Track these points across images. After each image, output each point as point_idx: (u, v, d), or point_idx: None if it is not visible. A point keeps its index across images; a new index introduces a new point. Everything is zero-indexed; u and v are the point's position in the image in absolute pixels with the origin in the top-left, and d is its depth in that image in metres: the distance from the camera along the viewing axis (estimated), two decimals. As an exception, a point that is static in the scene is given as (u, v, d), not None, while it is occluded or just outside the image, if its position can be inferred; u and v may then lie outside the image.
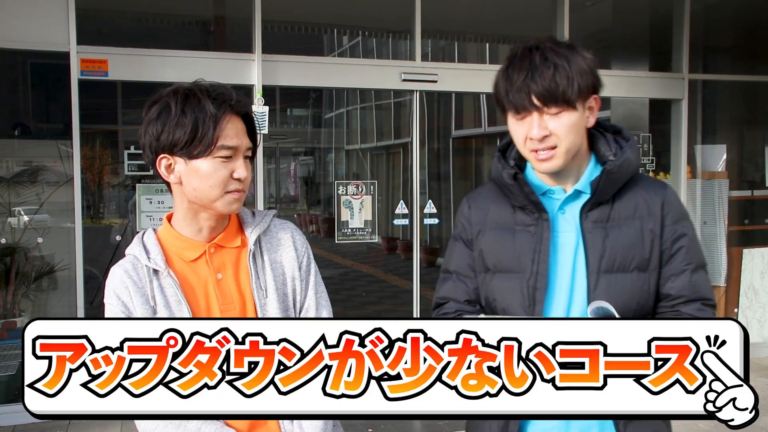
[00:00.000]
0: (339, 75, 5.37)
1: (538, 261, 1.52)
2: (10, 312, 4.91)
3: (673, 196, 1.58)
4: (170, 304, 1.48)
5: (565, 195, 1.56)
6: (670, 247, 1.54)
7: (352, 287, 9.71)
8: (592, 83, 1.49)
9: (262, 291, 1.53)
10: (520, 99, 1.46)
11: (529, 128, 1.48)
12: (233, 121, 1.46)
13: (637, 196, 1.55)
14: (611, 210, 1.54)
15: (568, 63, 1.45)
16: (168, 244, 1.55)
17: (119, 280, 1.49)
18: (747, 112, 6.98)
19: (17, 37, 4.46)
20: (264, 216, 1.61)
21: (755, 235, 6.40)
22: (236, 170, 1.47)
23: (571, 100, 1.45)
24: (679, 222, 1.56)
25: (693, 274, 1.54)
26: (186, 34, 6.46)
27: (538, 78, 1.44)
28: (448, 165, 11.68)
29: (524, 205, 1.57)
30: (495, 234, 1.60)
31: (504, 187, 1.59)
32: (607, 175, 1.51)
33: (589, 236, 1.52)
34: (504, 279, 1.57)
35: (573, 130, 1.48)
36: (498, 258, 1.58)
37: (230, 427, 1.47)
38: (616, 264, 1.50)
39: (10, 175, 5.10)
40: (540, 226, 1.54)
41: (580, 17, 5.94)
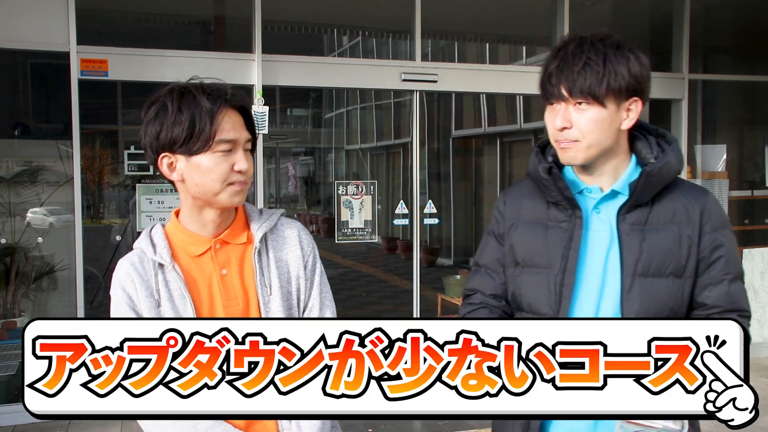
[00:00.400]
0: (339, 75, 5.37)
1: (568, 257, 1.51)
2: (10, 312, 4.91)
3: (713, 203, 1.56)
4: (174, 298, 1.49)
5: (601, 194, 1.55)
6: (709, 256, 1.52)
7: (352, 287, 9.71)
8: (631, 86, 1.47)
9: (266, 288, 1.54)
10: (550, 87, 1.48)
11: (555, 117, 1.49)
12: (230, 115, 1.48)
13: (676, 201, 1.53)
14: (650, 213, 1.52)
15: (605, 60, 1.44)
16: (175, 238, 1.56)
17: (125, 273, 1.52)
18: (747, 112, 6.99)
19: (17, 37, 4.46)
20: (272, 214, 1.63)
21: (755, 235, 6.40)
22: (237, 163, 1.48)
23: (597, 95, 1.44)
24: (718, 230, 1.53)
25: (731, 285, 1.52)
26: (186, 34, 6.46)
27: (566, 69, 1.45)
28: (448, 165, 11.68)
29: (558, 201, 1.55)
30: (527, 229, 1.60)
31: (539, 182, 1.58)
32: (647, 177, 1.49)
33: (625, 238, 1.50)
34: (532, 274, 1.56)
35: (598, 126, 1.47)
36: (528, 253, 1.58)
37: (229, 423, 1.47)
38: (652, 268, 1.49)
39: (10, 175, 5.10)
40: (572, 222, 1.53)
41: (580, 17, 5.94)
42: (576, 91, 1.45)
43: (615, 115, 1.48)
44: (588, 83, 1.43)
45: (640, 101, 1.50)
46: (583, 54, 1.45)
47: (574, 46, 1.47)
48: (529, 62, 8.24)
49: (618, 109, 1.48)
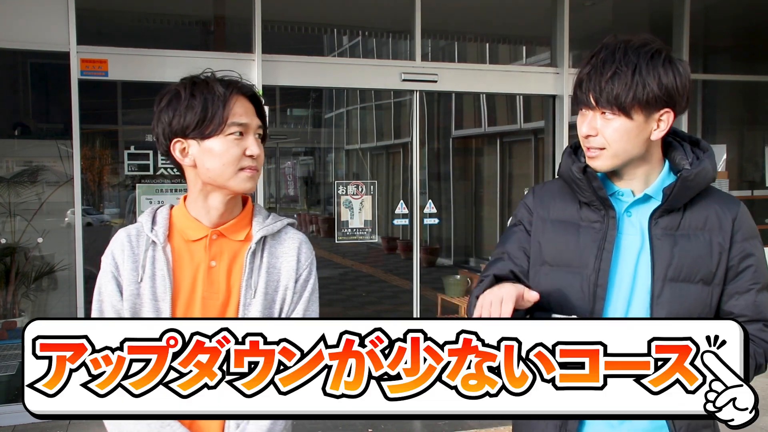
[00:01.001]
0: (339, 75, 5.37)
1: (602, 258, 1.50)
2: (10, 312, 4.91)
3: (745, 213, 1.56)
4: (156, 277, 1.51)
5: (633, 198, 1.54)
6: (738, 265, 1.52)
7: (352, 287, 9.71)
8: (661, 98, 1.44)
9: (251, 290, 1.53)
10: (580, 93, 1.49)
11: (583, 124, 1.50)
12: (241, 101, 1.52)
13: (709, 208, 1.53)
14: (682, 219, 1.52)
15: (635, 70, 1.42)
16: (177, 220, 1.58)
17: (119, 242, 1.56)
18: (747, 112, 6.99)
19: (17, 37, 4.46)
20: (278, 220, 1.62)
21: (755, 235, 6.39)
22: (249, 147, 1.51)
23: (623, 106, 1.43)
24: (748, 240, 1.53)
25: (758, 294, 1.52)
26: (186, 34, 6.46)
27: (595, 76, 1.45)
28: (448, 165, 11.68)
29: (591, 201, 1.54)
30: (558, 228, 1.58)
31: (572, 181, 1.57)
32: (683, 182, 1.48)
33: (657, 243, 1.49)
34: (562, 273, 1.54)
35: (623, 137, 1.46)
36: (558, 252, 1.56)
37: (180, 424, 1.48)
38: (683, 274, 1.48)
39: (10, 175, 5.10)
40: (606, 223, 1.52)
41: (580, 17, 5.94)
42: (602, 101, 1.44)
43: (643, 126, 1.47)
44: (615, 93, 1.42)
45: (672, 112, 1.48)
46: (614, 63, 1.43)
47: (607, 53, 1.45)
48: (529, 62, 8.25)
49: (647, 120, 1.46)
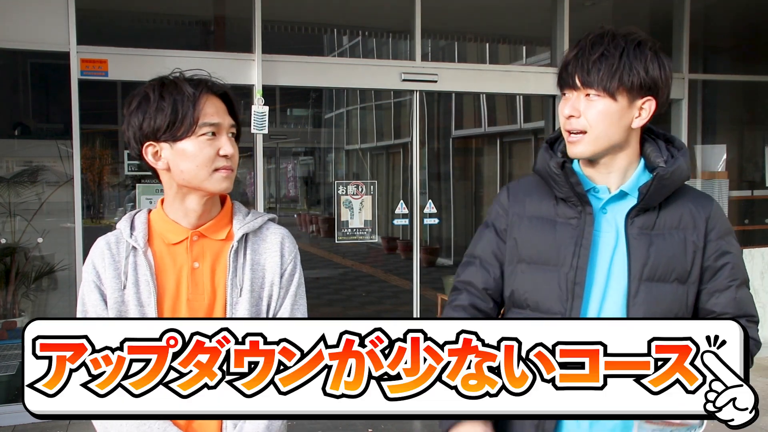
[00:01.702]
0: (339, 75, 5.37)
1: (579, 255, 1.49)
2: (10, 312, 4.91)
3: (718, 211, 1.56)
4: (140, 283, 1.49)
5: (609, 195, 1.54)
6: (714, 263, 1.52)
7: (352, 287, 9.71)
8: (645, 84, 1.46)
9: (236, 289, 1.52)
10: (566, 75, 1.49)
11: (564, 106, 1.50)
12: (212, 101, 1.49)
13: (683, 207, 1.53)
14: (657, 218, 1.51)
15: (622, 54, 1.44)
16: (155, 225, 1.56)
17: (99, 251, 1.53)
18: (747, 112, 6.99)
19: (17, 37, 4.46)
20: (258, 216, 1.60)
21: (755, 235, 6.40)
22: (222, 147, 1.48)
23: (608, 88, 1.44)
24: (723, 238, 1.54)
25: (738, 291, 1.52)
26: (186, 34, 6.46)
27: (582, 58, 1.46)
28: (448, 165, 11.68)
29: (568, 197, 1.53)
30: (534, 225, 1.57)
31: (549, 177, 1.56)
32: (659, 181, 1.48)
33: (633, 242, 1.49)
34: (539, 271, 1.53)
35: (606, 119, 1.46)
36: (535, 249, 1.55)
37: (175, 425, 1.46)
38: (658, 273, 1.48)
39: (10, 175, 5.10)
40: (583, 219, 1.52)
41: (580, 17, 5.94)
42: (588, 81, 1.45)
43: (626, 111, 1.47)
44: (601, 74, 1.44)
45: (654, 101, 1.49)
46: (602, 46, 1.45)
47: (594, 36, 1.48)
48: (529, 62, 8.25)
49: (629, 106, 1.47)
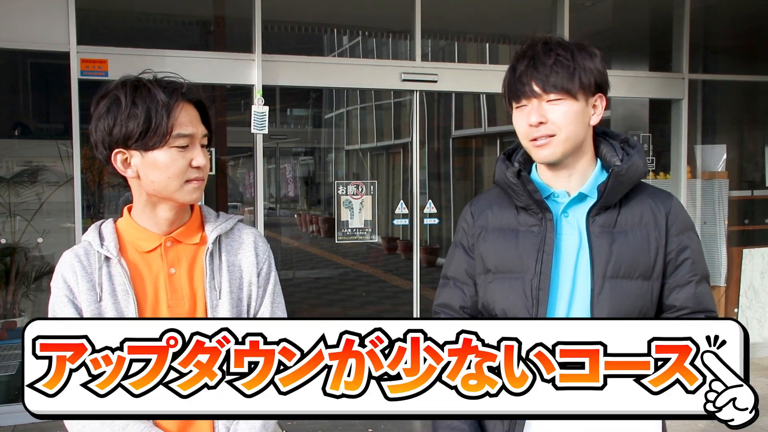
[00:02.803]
0: (339, 75, 5.37)
1: (542, 261, 1.51)
2: (10, 312, 4.91)
3: (678, 206, 1.58)
4: (117, 293, 1.46)
5: (569, 198, 1.56)
6: (676, 258, 1.54)
7: (352, 287, 9.71)
8: (596, 81, 1.51)
9: (215, 291, 1.50)
10: (521, 86, 1.50)
11: (529, 115, 1.50)
12: (186, 109, 1.44)
13: (643, 203, 1.55)
14: (618, 216, 1.53)
15: (572, 56, 1.48)
16: (125, 233, 1.52)
17: (68, 264, 1.48)
18: (747, 112, 6.98)
19: (17, 37, 4.46)
20: (228, 218, 1.60)
21: (755, 235, 6.40)
22: (195, 158, 1.45)
23: (570, 89, 1.47)
24: (684, 233, 1.56)
25: (697, 286, 1.54)
26: (186, 34, 6.46)
27: (539, 65, 1.48)
28: (448, 165, 11.68)
29: (528, 205, 1.56)
30: (497, 236, 1.59)
31: (508, 187, 1.59)
32: (615, 177, 1.50)
33: (595, 240, 1.51)
34: (505, 280, 1.56)
35: (573, 119, 1.49)
36: (500, 259, 1.57)
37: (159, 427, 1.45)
38: (622, 270, 1.50)
39: (10, 175, 5.10)
40: (544, 226, 1.54)
41: (580, 17, 5.94)
42: (550, 87, 1.47)
43: (585, 109, 1.51)
44: (560, 78, 1.47)
45: (603, 97, 1.54)
46: (552, 52, 1.48)
47: (539, 48, 1.50)
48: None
49: (587, 104, 1.51)
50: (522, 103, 1.51)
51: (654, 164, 6.07)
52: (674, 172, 6.01)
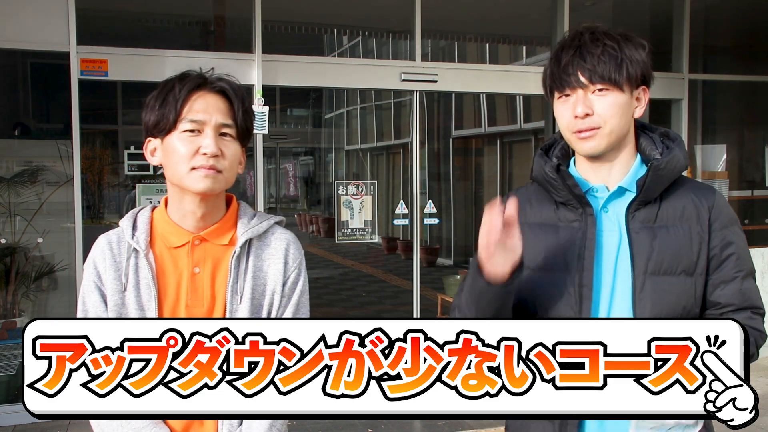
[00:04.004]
0: (339, 75, 5.37)
1: (584, 257, 1.48)
2: (10, 312, 4.91)
3: (721, 201, 1.54)
4: (140, 286, 1.46)
5: (608, 193, 1.52)
6: (719, 254, 1.50)
7: (352, 287, 9.71)
8: (642, 73, 1.48)
9: (237, 296, 1.48)
10: (566, 76, 1.46)
11: (574, 106, 1.46)
12: (205, 97, 1.45)
13: (685, 198, 1.51)
14: (659, 210, 1.50)
15: (619, 46, 1.45)
16: (158, 225, 1.52)
17: (100, 250, 1.50)
18: (747, 112, 6.99)
19: (17, 37, 4.46)
20: (264, 220, 1.56)
21: (755, 235, 6.39)
22: (203, 145, 1.43)
23: (617, 80, 1.44)
24: (728, 228, 1.52)
25: (743, 282, 1.50)
26: (186, 34, 6.46)
27: (586, 54, 1.44)
28: (448, 165, 11.69)
29: (567, 201, 1.52)
30: (536, 232, 1.55)
31: (546, 182, 1.55)
32: (655, 171, 1.47)
33: (635, 236, 1.48)
34: (546, 277, 1.51)
35: (618, 111, 1.46)
36: (539, 256, 1.52)
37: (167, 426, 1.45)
38: (664, 266, 1.46)
39: (10, 175, 5.10)
40: (584, 221, 1.50)
41: (580, 17, 5.94)
42: (597, 77, 1.44)
43: (630, 101, 1.48)
44: (608, 68, 1.43)
45: (647, 90, 1.51)
46: (599, 42, 1.45)
47: (589, 35, 1.46)
48: (529, 62, 8.25)
49: (631, 97, 1.48)
50: (566, 92, 1.48)
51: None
52: (674, 172, 6.01)
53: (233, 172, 1.49)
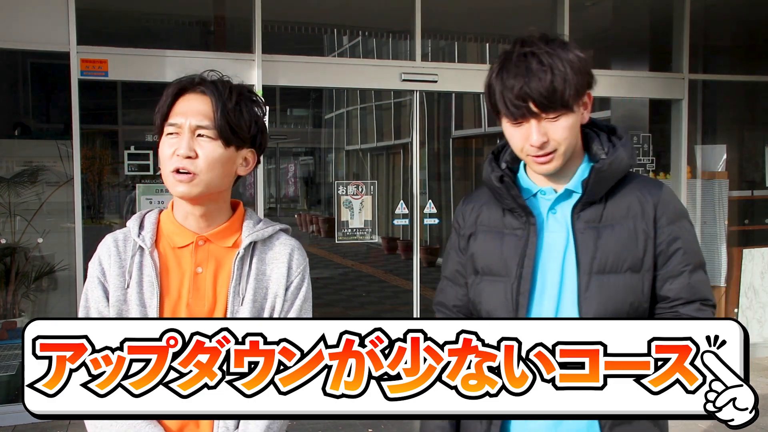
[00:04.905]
0: (339, 75, 5.37)
1: (523, 265, 1.51)
2: (10, 312, 4.91)
3: (668, 195, 1.55)
4: (143, 283, 1.47)
5: (555, 195, 1.54)
6: (666, 249, 1.51)
7: (352, 287, 9.71)
8: (587, 81, 1.47)
9: (238, 298, 1.49)
10: (518, 107, 1.44)
11: (528, 135, 1.46)
12: (188, 99, 1.46)
13: (630, 195, 1.53)
14: (604, 210, 1.51)
15: (563, 64, 1.42)
16: (164, 226, 1.54)
17: (106, 248, 1.52)
18: (747, 112, 6.98)
19: (17, 37, 4.46)
20: (269, 225, 1.57)
21: (755, 235, 6.40)
22: (177, 147, 1.43)
23: (569, 104, 1.43)
24: (675, 223, 1.53)
25: (691, 275, 1.52)
26: (186, 34, 6.46)
27: (536, 85, 1.41)
28: (448, 165, 11.69)
29: (513, 208, 1.56)
30: (485, 237, 1.60)
31: (493, 190, 1.59)
32: (597, 173, 1.49)
33: (580, 236, 1.49)
34: (490, 282, 1.56)
35: (571, 132, 1.47)
36: (486, 261, 1.57)
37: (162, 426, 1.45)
38: (608, 265, 1.48)
39: (10, 175, 5.10)
40: (527, 230, 1.53)
41: (580, 17, 5.94)
42: (550, 108, 1.42)
43: (579, 114, 1.49)
44: (558, 94, 1.41)
45: (591, 94, 1.51)
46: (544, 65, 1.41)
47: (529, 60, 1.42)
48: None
49: (579, 108, 1.48)
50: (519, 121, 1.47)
51: (654, 164, 6.07)
52: (674, 172, 6.01)
53: (214, 173, 1.46)
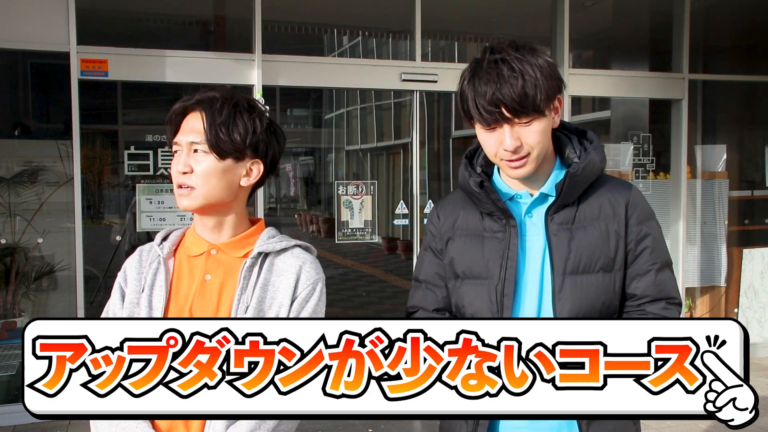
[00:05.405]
0: (339, 75, 5.37)
1: (506, 267, 1.53)
2: (10, 312, 4.91)
3: (637, 196, 1.59)
4: (155, 287, 1.53)
5: (531, 199, 1.57)
6: (635, 248, 1.55)
7: (352, 287, 9.71)
8: (557, 85, 1.49)
9: (243, 306, 1.50)
10: (491, 113, 1.45)
11: (501, 140, 1.47)
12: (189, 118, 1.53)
13: (602, 197, 1.56)
14: (576, 212, 1.55)
15: (534, 69, 1.44)
16: (186, 238, 1.61)
17: (133, 256, 1.62)
18: (747, 112, 6.98)
19: (17, 37, 4.46)
20: (283, 239, 1.59)
21: (755, 235, 6.40)
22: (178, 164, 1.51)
23: (541, 109, 1.45)
24: (643, 222, 1.57)
25: (658, 274, 1.55)
26: (186, 34, 6.46)
27: (507, 91, 1.42)
28: (448, 165, 11.68)
29: (492, 212, 1.58)
30: (464, 241, 1.61)
31: (471, 194, 1.60)
32: (571, 177, 1.51)
33: (554, 238, 1.52)
34: (473, 285, 1.57)
35: (544, 136, 1.50)
36: (467, 265, 1.59)
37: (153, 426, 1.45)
38: (581, 265, 1.51)
39: (10, 175, 5.10)
40: (508, 232, 1.55)
41: (580, 17, 5.94)
42: (522, 111, 1.44)
43: (551, 118, 1.51)
44: (530, 99, 1.43)
45: (561, 98, 1.53)
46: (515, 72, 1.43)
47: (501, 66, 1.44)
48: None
49: (550, 112, 1.50)
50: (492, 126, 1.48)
51: (654, 164, 6.07)
52: (674, 172, 6.01)
53: (210, 185, 1.50)
